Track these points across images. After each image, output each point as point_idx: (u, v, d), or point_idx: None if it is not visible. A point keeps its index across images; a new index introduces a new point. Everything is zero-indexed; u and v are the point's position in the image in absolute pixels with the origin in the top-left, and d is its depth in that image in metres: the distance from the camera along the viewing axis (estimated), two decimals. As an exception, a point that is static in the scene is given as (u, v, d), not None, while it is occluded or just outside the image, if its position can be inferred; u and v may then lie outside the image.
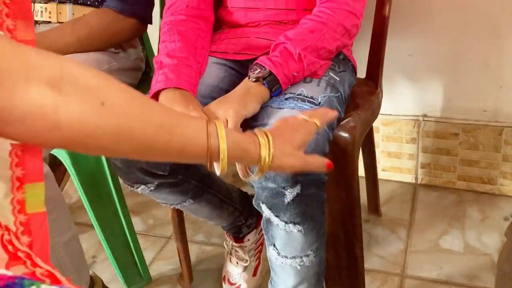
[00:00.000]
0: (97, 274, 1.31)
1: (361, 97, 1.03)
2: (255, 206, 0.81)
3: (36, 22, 1.16)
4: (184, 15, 0.95)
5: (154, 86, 0.85)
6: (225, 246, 1.20)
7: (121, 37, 1.11)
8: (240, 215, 1.11)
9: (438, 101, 1.41)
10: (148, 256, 1.33)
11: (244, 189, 1.19)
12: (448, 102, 1.40)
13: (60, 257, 0.90)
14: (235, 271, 1.19)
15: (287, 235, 0.81)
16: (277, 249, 0.85)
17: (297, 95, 0.84)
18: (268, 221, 0.82)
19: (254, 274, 1.20)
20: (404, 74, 1.41)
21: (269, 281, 0.96)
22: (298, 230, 0.80)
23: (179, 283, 1.26)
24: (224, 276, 1.21)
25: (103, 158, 1.09)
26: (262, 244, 1.21)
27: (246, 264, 1.18)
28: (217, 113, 0.79)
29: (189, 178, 0.97)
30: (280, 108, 0.82)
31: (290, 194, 0.76)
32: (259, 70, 0.82)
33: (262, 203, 0.79)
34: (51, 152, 1.09)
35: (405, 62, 1.38)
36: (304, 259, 0.84)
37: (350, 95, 1.00)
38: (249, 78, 0.83)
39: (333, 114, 0.72)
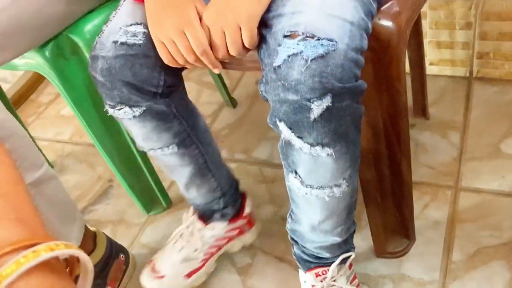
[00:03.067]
0: (114, 199, 1.21)
1: (407, -28, 0.79)
2: (270, 125, 0.62)
3: None
4: None
5: None
6: (183, 221, 0.99)
7: None
8: (221, 197, 0.93)
9: (503, -26, 1.13)
10: (164, 175, 1.21)
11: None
12: (516, -27, 1.12)
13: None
14: (171, 260, 0.95)
15: (313, 160, 0.63)
16: (300, 177, 0.67)
17: None
18: (288, 143, 0.63)
19: (189, 275, 0.96)
20: None
21: (288, 215, 0.81)
22: (328, 154, 0.61)
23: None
24: (152, 260, 0.97)
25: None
26: (220, 248, 0.99)
27: (190, 256, 0.95)
28: (224, 20, 0.60)
29: (183, 115, 0.80)
30: None
31: (317, 108, 0.57)
32: None
33: (280, 120, 0.60)
34: (35, 70, 0.93)
35: None
36: (335, 189, 0.67)
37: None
38: None
39: None
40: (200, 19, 0.63)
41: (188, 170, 0.87)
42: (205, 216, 0.96)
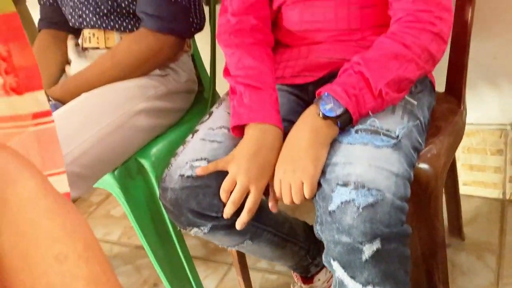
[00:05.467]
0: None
1: (442, 118, 0.89)
2: (325, 264, 0.70)
3: (85, 48, 1.12)
4: (252, 38, 0.89)
5: (239, 117, 0.80)
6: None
7: (161, 56, 1.03)
8: (307, 253, 1.01)
9: (529, 108, 1.23)
10: (208, 285, 1.26)
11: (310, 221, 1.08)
12: (542, 108, 1.22)
13: None
14: None
15: (365, 300, 0.69)
16: None
17: (369, 126, 0.72)
18: (341, 284, 0.70)
19: None
20: (488, 79, 1.24)
21: None
22: None
23: (243, 317, 1.18)
24: None
25: (155, 187, 1.03)
26: None
27: None
28: (291, 177, 0.71)
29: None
30: (351, 144, 0.71)
31: (368, 250, 0.65)
32: (332, 105, 0.71)
33: (334, 260, 0.68)
34: (103, 188, 1.04)
35: (489, 65, 1.21)
36: None
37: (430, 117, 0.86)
38: (318, 113, 0.72)
39: None
40: None
41: (267, 250, 0.94)
42: (304, 274, 1.05)
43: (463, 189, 1.38)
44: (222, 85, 1.01)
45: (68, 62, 1.15)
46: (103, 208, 1.70)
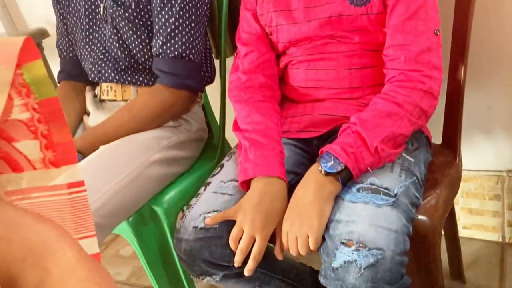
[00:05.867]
0: None
1: (438, 171, 0.94)
2: None
3: (103, 100, 1.19)
4: (261, 95, 0.96)
5: (245, 173, 0.85)
6: None
7: (175, 109, 1.10)
8: None
9: (524, 155, 1.28)
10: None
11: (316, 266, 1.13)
12: (536, 155, 1.27)
13: None
14: None
15: None
16: None
17: (370, 184, 0.78)
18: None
19: None
20: (483, 127, 1.30)
21: None
22: None
23: None
24: None
25: (167, 233, 1.08)
26: None
27: None
28: (297, 230, 0.76)
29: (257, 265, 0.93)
30: (353, 202, 0.76)
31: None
32: (333, 162, 0.77)
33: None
34: (117, 233, 1.09)
35: (483, 115, 1.27)
36: None
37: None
38: (320, 170, 0.78)
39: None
40: None
41: None
42: None
43: (463, 232, 1.42)
44: (231, 132, 1.08)
45: (86, 112, 1.22)
46: (113, 248, 1.75)
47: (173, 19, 1.01)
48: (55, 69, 1.31)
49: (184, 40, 1.03)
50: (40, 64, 0.50)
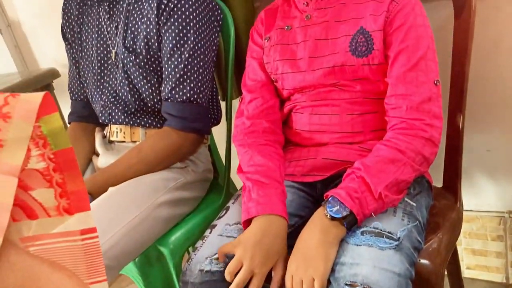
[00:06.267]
0: None
1: (440, 215, 0.96)
2: None
3: (112, 141, 1.22)
4: (264, 139, 0.99)
5: (248, 212, 0.88)
6: None
7: (183, 151, 1.13)
8: None
9: (525, 196, 1.30)
10: None
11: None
12: (537, 197, 1.29)
13: None
14: None
15: None
16: None
17: (373, 228, 0.80)
18: None
19: None
20: (483, 169, 1.32)
21: None
22: None
23: None
24: None
25: (173, 273, 1.09)
26: None
27: None
28: (303, 273, 0.77)
29: None
30: (357, 245, 0.78)
31: None
32: (338, 207, 0.79)
33: None
34: (124, 273, 1.11)
35: (484, 157, 1.30)
36: None
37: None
38: (326, 214, 0.80)
39: None
40: None
41: None
42: None
43: (467, 273, 1.42)
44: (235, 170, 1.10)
45: (95, 153, 1.25)
46: (117, 285, 1.74)
47: (182, 65, 1.05)
48: (64, 108, 1.35)
49: (192, 85, 1.07)
50: (57, 117, 0.54)
